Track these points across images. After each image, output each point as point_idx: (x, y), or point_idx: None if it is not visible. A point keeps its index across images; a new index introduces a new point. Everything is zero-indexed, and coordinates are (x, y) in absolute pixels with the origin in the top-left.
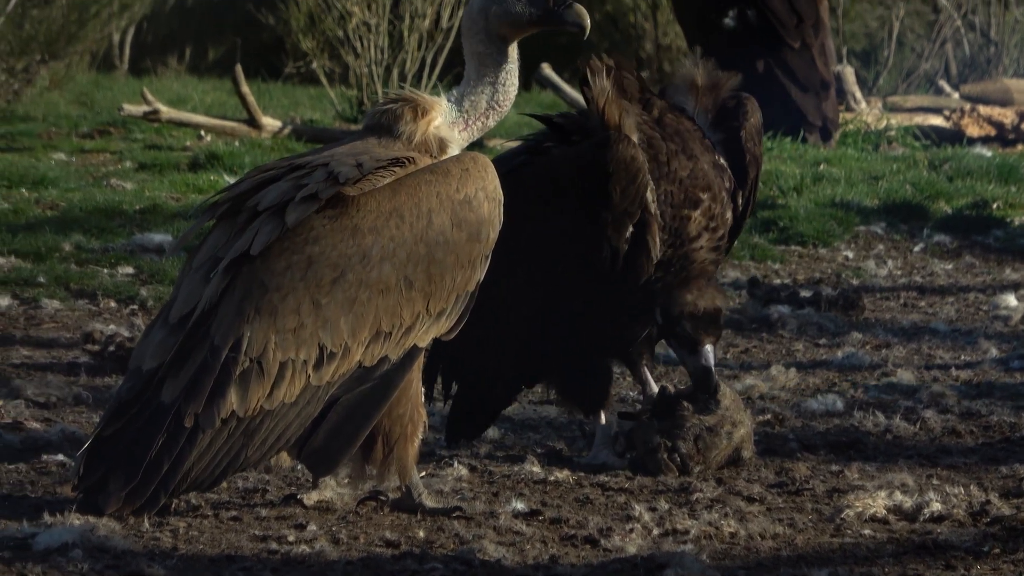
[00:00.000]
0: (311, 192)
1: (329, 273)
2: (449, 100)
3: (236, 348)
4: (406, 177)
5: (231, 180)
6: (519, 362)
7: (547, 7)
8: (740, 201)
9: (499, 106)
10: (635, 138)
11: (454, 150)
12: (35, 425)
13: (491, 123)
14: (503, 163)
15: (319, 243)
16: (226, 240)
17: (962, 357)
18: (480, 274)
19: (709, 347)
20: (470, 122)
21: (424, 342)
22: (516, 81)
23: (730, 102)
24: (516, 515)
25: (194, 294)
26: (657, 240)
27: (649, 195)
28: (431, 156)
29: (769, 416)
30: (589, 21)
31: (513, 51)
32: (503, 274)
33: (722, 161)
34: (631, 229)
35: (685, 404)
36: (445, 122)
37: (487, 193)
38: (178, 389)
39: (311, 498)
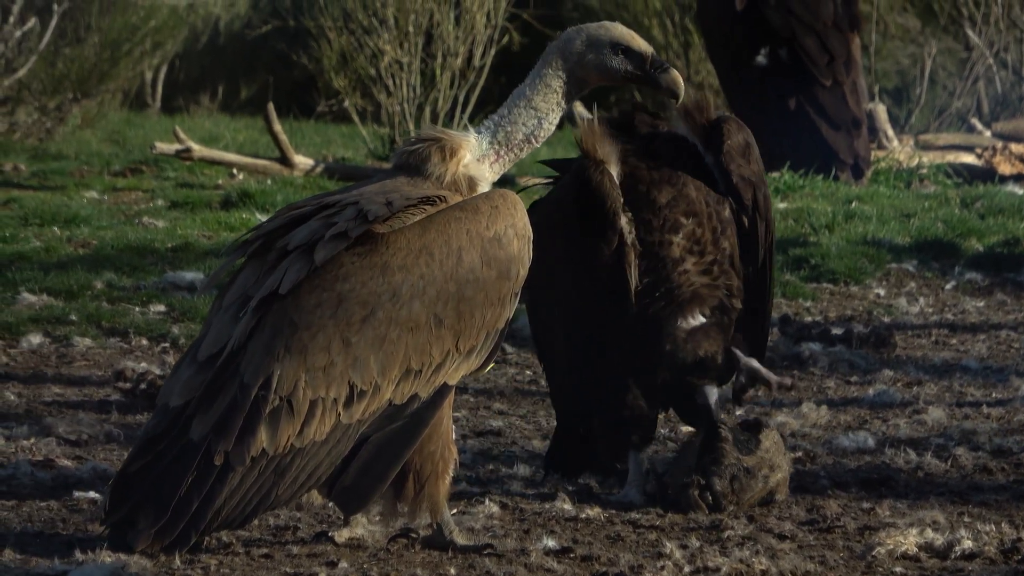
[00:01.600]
0: (340, 230)
1: (359, 311)
2: (479, 132)
3: (266, 386)
4: (436, 215)
5: (263, 218)
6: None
7: (644, 67)
8: (746, 222)
9: (535, 140)
10: (614, 169)
11: (484, 187)
12: (66, 463)
13: (522, 155)
14: None
15: (349, 281)
16: (256, 278)
17: (993, 394)
18: (509, 312)
19: (710, 389)
20: (501, 154)
21: (454, 380)
22: (556, 122)
23: (713, 125)
24: (547, 552)
25: (223, 333)
26: (634, 269)
27: (625, 224)
28: (460, 195)
29: (800, 453)
30: (683, 89)
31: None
32: (538, 308)
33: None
34: (607, 256)
35: (727, 441)
36: (474, 158)
37: (516, 230)
38: (208, 427)
39: (342, 535)
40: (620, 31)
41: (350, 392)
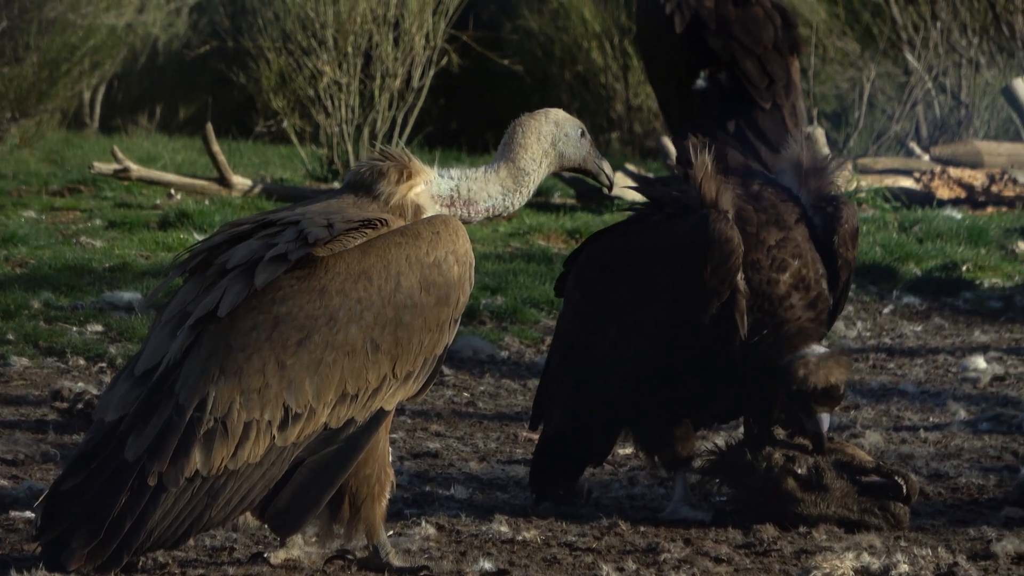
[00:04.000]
0: (280, 252)
1: (295, 334)
2: (442, 174)
3: (201, 407)
4: (376, 239)
5: (201, 238)
6: (611, 415)
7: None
8: (831, 300)
9: (492, 212)
10: (731, 215)
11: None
12: (2, 482)
13: (475, 219)
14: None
15: (286, 304)
16: (195, 295)
17: (931, 419)
18: (448, 337)
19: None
20: (457, 204)
21: (391, 405)
22: (523, 202)
23: (828, 206)
24: (483, 574)
25: (160, 348)
26: (745, 317)
27: (739, 274)
28: (404, 220)
29: None
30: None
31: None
32: (601, 328)
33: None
34: (716, 307)
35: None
36: (427, 191)
37: (457, 257)
38: (142, 447)
39: (278, 557)
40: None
41: (285, 415)
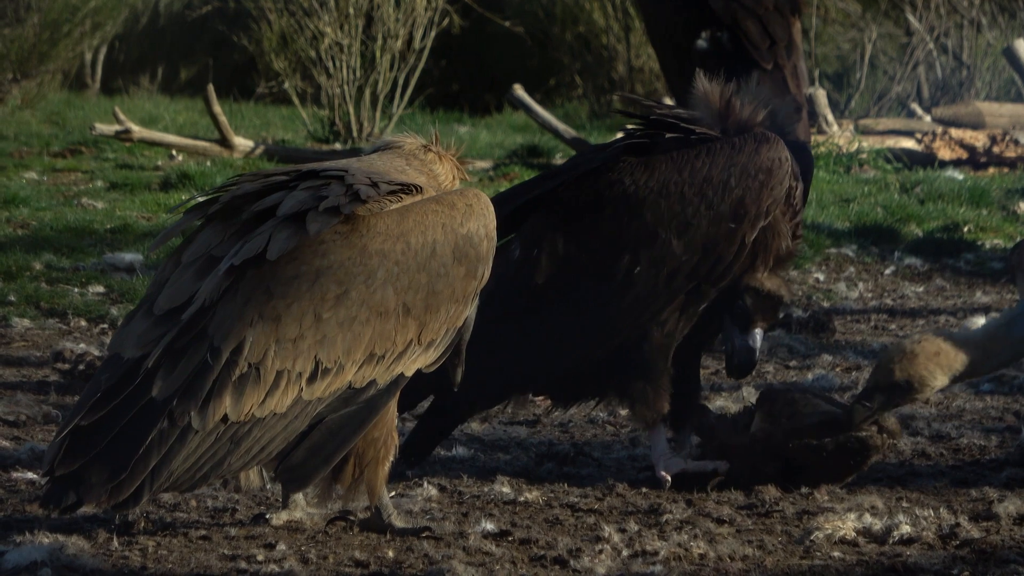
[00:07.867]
0: (333, 205)
1: (334, 288)
2: None
3: (237, 351)
4: (413, 204)
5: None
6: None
7: None
8: None
9: None
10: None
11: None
12: (4, 443)
13: None
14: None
15: (327, 257)
16: (222, 240)
17: None
18: (470, 311)
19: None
20: None
21: (410, 371)
22: None
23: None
24: (485, 535)
25: (184, 289)
26: (786, 233)
27: None
28: (435, 190)
29: None
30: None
31: None
32: (605, 270)
33: None
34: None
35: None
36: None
37: (487, 231)
38: (173, 387)
39: (280, 518)
40: None
41: (315, 368)
